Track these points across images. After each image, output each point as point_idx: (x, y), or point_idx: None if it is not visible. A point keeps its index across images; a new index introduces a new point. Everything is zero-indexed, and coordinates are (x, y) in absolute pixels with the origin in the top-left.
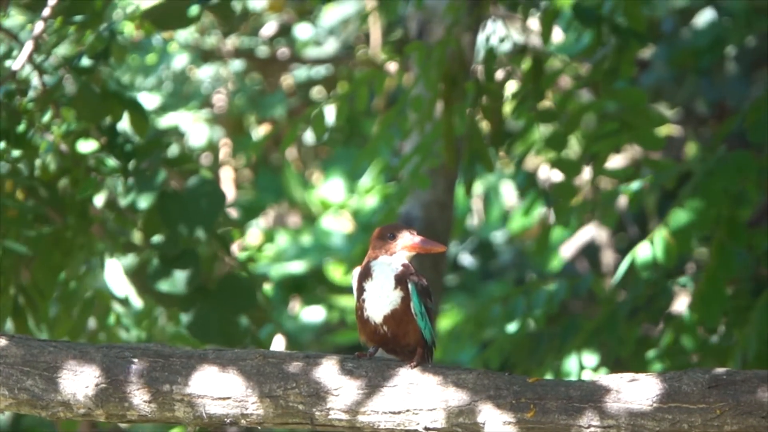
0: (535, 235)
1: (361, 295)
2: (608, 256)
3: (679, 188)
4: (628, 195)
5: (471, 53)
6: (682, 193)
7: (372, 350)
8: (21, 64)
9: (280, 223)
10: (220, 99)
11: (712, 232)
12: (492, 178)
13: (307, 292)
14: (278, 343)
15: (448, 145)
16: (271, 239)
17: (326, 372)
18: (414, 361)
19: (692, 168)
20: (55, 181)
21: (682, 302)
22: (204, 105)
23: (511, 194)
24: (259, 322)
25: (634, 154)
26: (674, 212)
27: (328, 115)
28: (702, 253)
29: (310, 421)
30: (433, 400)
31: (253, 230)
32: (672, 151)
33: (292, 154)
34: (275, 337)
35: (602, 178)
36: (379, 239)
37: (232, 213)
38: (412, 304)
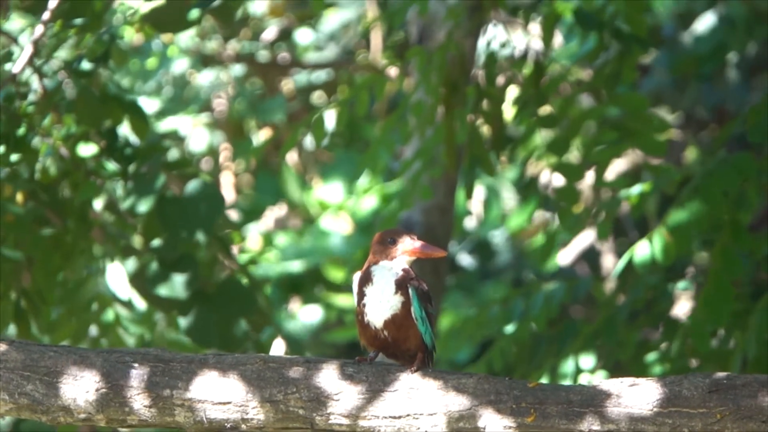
0: (533, 235)
1: (362, 300)
2: (609, 261)
3: (679, 192)
4: (631, 201)
5: (472, 58)
6: (682, 194)
7: (372, 355)
8: (21, 67)
9: (280, 226)
10: (221, 103)
11: (713, 235)
12: (491, 179)
13: (305, 291)
14: (278, 348)
15: (449, 150)
16: (271, 243)
17: (327, 377)
18: (414, 366)
19: (692, 172)
20: (55, 184)
21: (682, 306)
22: (204, 109)
23: (510, 195)
24: (259, 326)
25: (635, 159)
26: (673, 212)
27: (328, 120)
28: (702, 258)
29: (311, 426)
30: (433, 405)
31: (253, 234)
32: (672, 156)
33: (293, 158)
34: (275, 342)
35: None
36: (379, 244)
37: (232, 215)
38: (412, 309)
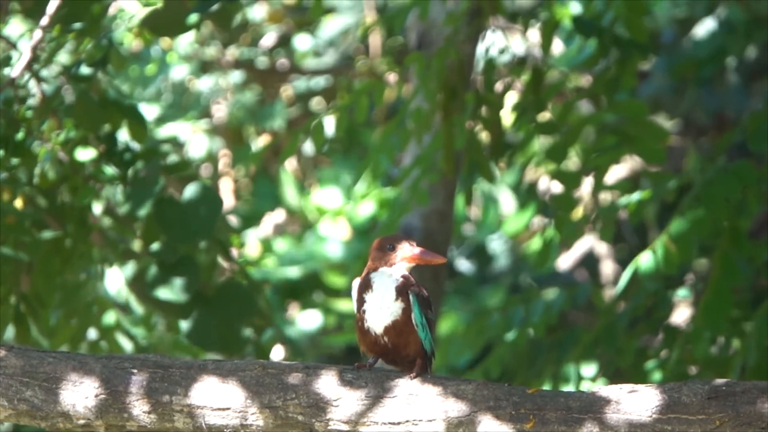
0: (530, 239)
1: (362, 306)
2: (608, 267)
3: (679, 199)
4: (629, 208)
5: (471, 64)
6: (684, 202)
7: (371, 361)
8: (20, 71)
9: (278, 232)
10: (220, 109)
11: (714, 242)
12: (488, 184)
13: (304, 297)
14: (278, 353)
15: (448, 156)
16: (270, 248)
17: (326, 383)
18: (414, 372)
19: (692, 179)
20: (54, 189)
21: (682, 313)
22: (203, 115)
23: (507, 200)
24: (260, 329)
25: (634, 165)
26: (675, 220)
27: (327, 126)
28: (701, 264)
29: None
30: (432, 411)
31: (252, 240)
32: (672, 162)
33: (292, 164)
34: (275, 347)
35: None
36: (378, 251)
37: (232, 220)
38: (413, 315)
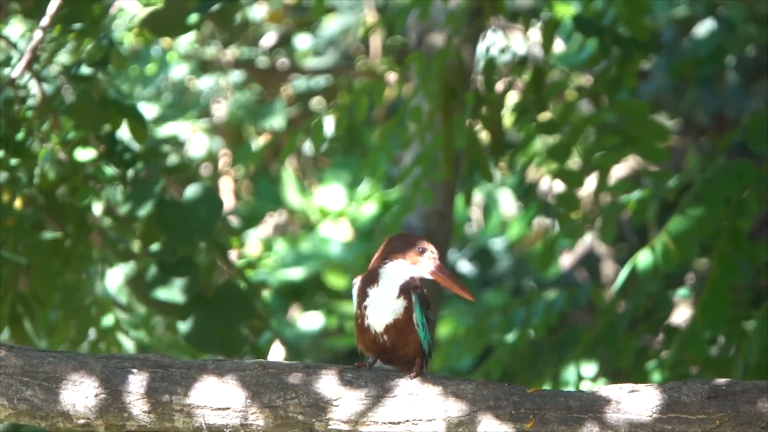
0: (534, 242)
1: (363, 302)
2: (608, 267)
3: (679, 198)
4: (630, 207)
5: (471, 64)
6: (683, 201)
7: (371, 360)
8: (20, 71)
9: (279, 232)
10: (220, 109)
11: (714, 241)
12: (490, 185)
13: (306, 298)
14: (277, 353)
15: (447, 156)
16: (270, 248)
17: (326, 382)
18: (413, 372)
19: (692, 178)
20: (54, 189)
21: (682, 313)
22: (203, 115)
23: (509, 202)
24: (258, 331)
25: (634, 165)
26: (675, 219)
27: (327, 126)
28: (702, 264)
29: None
30: (432, 411)
31: (253, 240)
32: (672, 161)
33: (292, 164)
34: (274, 347)
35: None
36: (402, 242)
37: (233, 221)
38: (414, 315)
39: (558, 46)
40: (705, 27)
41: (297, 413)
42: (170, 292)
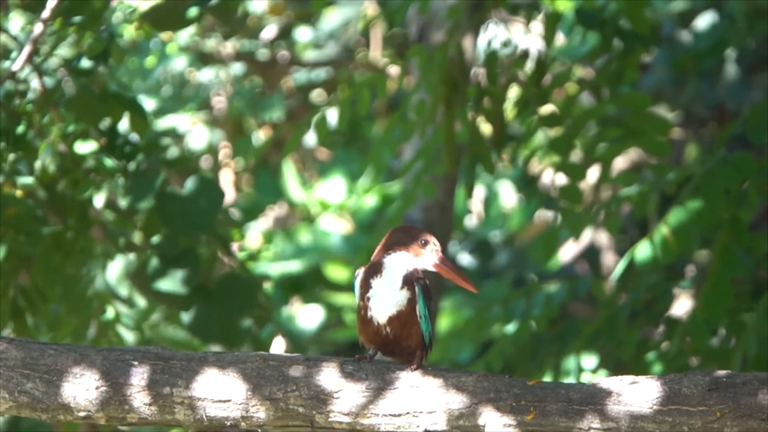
0: (534, 235)
1: (366, 293)
2: (609, 259)
3: (679, 190)
4: (632, 200)
5: (472, 57)
6: (683, 193)
7: (372, 353)
8: (20, 65)
9: (280, 225)
10: (220, 101)
11: (714, 233)
12: (490, 178)
13: (306, 291)
14: (278, 345)
15: (449, 149)
16: (270, 241)
17: (327, 375)
18: (414, 364)
19: (692, 170)
20: (55, 182)
21: (682, 305)
22: (203, 107)
23: (509, 194)
24: (260, 322)
25: (635, 157)
26: (674, 211)
27: (330, 119)
28: (702, 256)
29: (311, 424)
30: (433, 403)
31: (253, 232)
32: (672, 154)
33: (292, 156)
34: (275, 339)
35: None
36: (404, 235)
37: (234, 213)
38: (417, 307)
39: (559, 39)
40: (705, 20)
41: (298, 406)
42: (172, 284)
